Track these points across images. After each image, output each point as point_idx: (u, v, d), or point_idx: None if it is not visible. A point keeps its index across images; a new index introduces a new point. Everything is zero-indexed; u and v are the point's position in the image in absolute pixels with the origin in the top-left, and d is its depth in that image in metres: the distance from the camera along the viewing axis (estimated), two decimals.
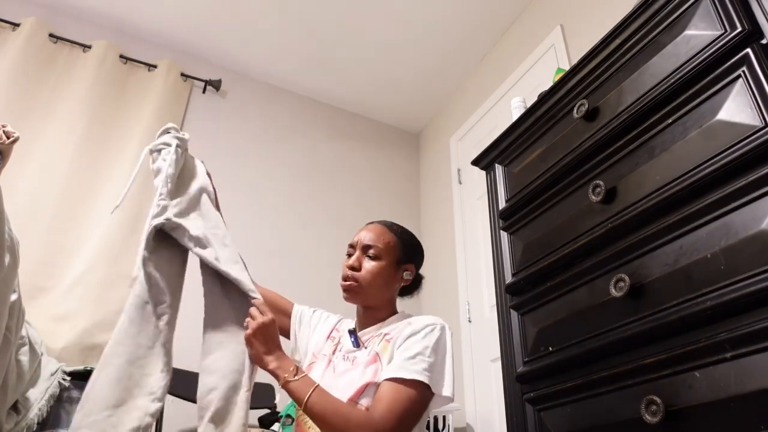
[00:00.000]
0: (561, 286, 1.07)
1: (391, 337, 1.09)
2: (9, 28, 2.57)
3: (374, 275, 1.15)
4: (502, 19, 2.82)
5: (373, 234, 1.19)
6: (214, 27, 2.92)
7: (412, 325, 1.08)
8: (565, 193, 1.13)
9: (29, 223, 2.18)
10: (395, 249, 1.19)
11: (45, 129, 2.44)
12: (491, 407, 2.24)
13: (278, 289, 1.32)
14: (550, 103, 1.27)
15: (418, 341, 1.03)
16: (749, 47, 0.83)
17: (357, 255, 1.17)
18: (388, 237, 1.20)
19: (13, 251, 1.16)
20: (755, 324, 0.70)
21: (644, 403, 0.79)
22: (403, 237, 1.23)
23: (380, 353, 1.07)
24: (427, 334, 1.05)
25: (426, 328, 1.06)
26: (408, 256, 1.22)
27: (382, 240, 1.18)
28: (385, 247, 1.18)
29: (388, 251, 1.18)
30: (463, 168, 2.95)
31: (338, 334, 1.22)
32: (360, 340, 1.15)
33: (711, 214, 0.81)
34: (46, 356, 1.76)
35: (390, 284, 1.18)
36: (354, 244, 1.20)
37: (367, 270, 1.15)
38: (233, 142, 2.98)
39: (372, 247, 1.17)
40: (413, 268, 1.24)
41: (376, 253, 1.16)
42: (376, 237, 1.18)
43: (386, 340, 1.10)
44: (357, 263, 1.16)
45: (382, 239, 1.18)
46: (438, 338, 1.05)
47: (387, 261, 1.17)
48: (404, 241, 1.23)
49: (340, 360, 1.12)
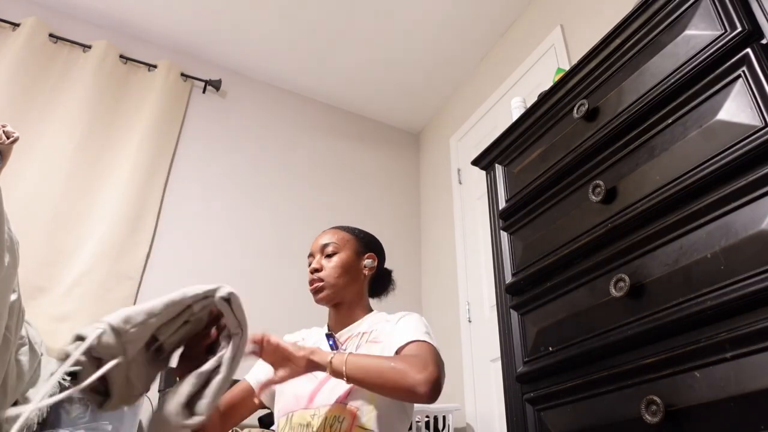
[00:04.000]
0: (561, 286, 1.07)
1: (376, 337, 1.11)
2: (9, 28, 2.57)
3: (337, 269, 1.19)
4: (502, 19, 2.82)
5: (327, 235, 1.26)
6: (214, 27, 2.92)
7: (391, 321, 1.14)
8: (565, 193, 1.13)
9: (29, 223, 2.17)
10: (351, 242, 1.25)
11: (45, 129, 2.44)
12: (491, 407, 2.24)
13: (277, 290, 1.32)
14: (550, 103, 1.27)
15: (406, 323, 1.09)
16: (749, 47, 0.83)
17: (317, 258, 1.22)
18: (342, 234, 1.26)
19: (13, 251, 1.16)
20: (755, 324, 0.70)
21: (644, 403, 0.79)
22: (356, 232, 1.29)
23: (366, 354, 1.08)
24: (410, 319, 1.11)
25: (405, 315, 1.13)
26: (366, 245, 1.28)
27: (336, 237, 1.25)
28: (341, 242, 1.24)
29: (345, 244, 1.24)
30: (463, 168, 2.95)
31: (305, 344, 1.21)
32: (338, 342, 1.16)
33: (711, 214, 0.81)
34: (46, 356, 1.76)
35: (355, 276, 1.22)
36: (312, 253, 1.25)
37: (329, 267, 1.20)
38: (233, 142, 2.98)
39: (328, 244, 1.23)
40: (374, 257, 1.27)
41: (334, 249, 1.22)
42: (330, 236, 1.25)
43: (370, 341, 1.11)
44: (318, 265, 1.21)
45: (337, 236, 1.25)
46: (418, 318, 1.12)
47: (345, 253, 1.22)
48: (358, 235, 1.29)
49: None
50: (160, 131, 2.70)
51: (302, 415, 1.03)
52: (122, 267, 2.31)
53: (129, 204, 2.43)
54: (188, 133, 2.87)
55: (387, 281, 1.34)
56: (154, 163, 2.61)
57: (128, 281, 2.31)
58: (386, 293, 1.34)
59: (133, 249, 2.38)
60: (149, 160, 2.59)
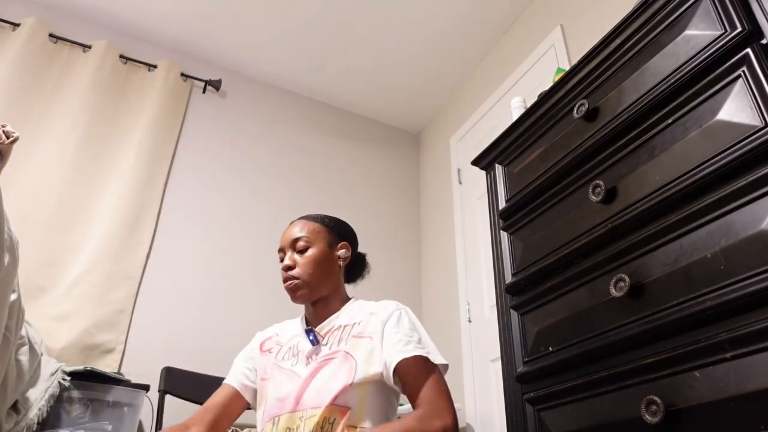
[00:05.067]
0: (561, 286, 1.07)
1: (361, 332, 1.08)
2: (9, 28, 2.57)
3: (311, 265, 1.14)
4: (502, 19, 2.82)
5: (296, 228, 1.19)
6: (214, 27, 2.92)
7: (377, 314, 1.09)
8: (565, 193, 1.13)
9: (29, 223, 2.18)
10: (322, 233, 1.19)
11: (45, 129, 2.44)
12: (491, 407, 2.24)
13: (279, 288, 1.29)
14: (550, 103, 1.27)
15: (394, 328, 1.06)
16: (749, 47, 0.83)
17: (288, 255, 1.16)
18: (311, 225, 1.20)
19: (13, 251, 1.16)
20: (755, 324, 0.70)
21: (644, 403, 0.79)
22: (325, 221, 1.23)
23: (351, 352, 1.05)
24: (398, 320, 1.08)
25: (391, 315, 1.09)
26: (338, 235, 1.23)
27: (307, 229, 1.18)
28: (312, 235, 1.17)
29: (316, 236, 1.18)
30: (463, 168, 2.95)
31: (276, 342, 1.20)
32: (318, 336, 1.12)
33: (711, 214, 0.81)
34: (46, 356, 1.76)
35: (330, 269, 1.17)
36: (283, 248, 1.19)
37: (303, 264, 1.14)
38: (233, 142, 2.98)
39: (299, 239, 1.16)
40: (348, 246, 1.23)
41: (305, 243, 1.16)
42: (299, 229, 1.18)
43: (353, 335, 1.08)
44: (291, 262, 1.14)
45: (307, 228, 1.18)
46: (408, 319, 1.09)
47: (318, 247, 1.16)
48: (328, 224, 1.23)
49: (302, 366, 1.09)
50: (160, 131, 2.70)
51: (290, 419, 1.00)
52: (122, 267, 2.31)
53: (129, 204, 2.43)
54: (188, 133, 2.87)
55: (362, 266, 1.29)
56: (154, 163, 2.61)
57: (128, 281, 2.31)
58: (362, 277, 1.29)
59: (133, 249, 2.38)
60: (149, 160, 2.59)
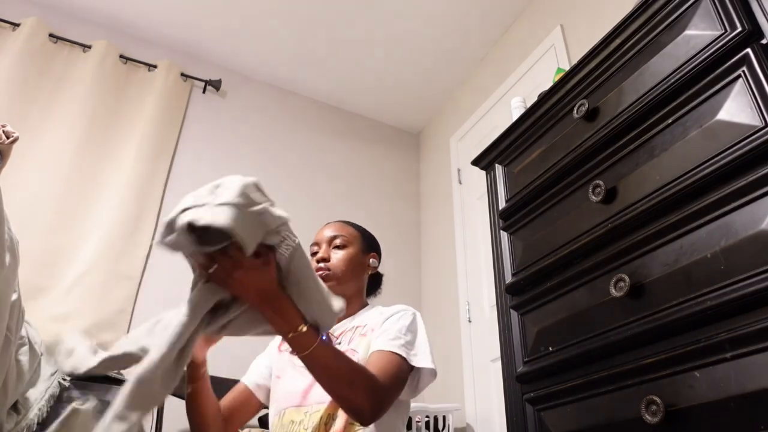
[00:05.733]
0: (561, 286, 1.07)
1: (366, 330, 1.10)
2: (9, 28, 2.57)
3: (346, 262, 1.18)
4: (502, 19, 2.82)
5: (335, 227, 1.25)
6: (214, 27, 2.92)
7: (384, 313, 1.12)
8: (565, 193, 1.13)
9: (29, 223, 2.18)
10: (359, 238, 1.25)
11: (45, 129, 2.44)
12: (491, 407, 2.24)
13: None
14: (550, 103, 1.27)
15: (393, 323, 1.08)
16: (749, 47, 0.83)
17: (324, 248, 1.21)
18: (349, 228, 1.26)
19: (13, 251, 1.16)
20: (755, 324, 0.70)
21: (644, 403, 0.79)
22: (361, 229, 1.30)
23: (356, 348, 1.07)
24: (400, 317, 1.10)
25: (398, 312, 1.11)
26: (370, 245, 1.28)
27: (345, 231, 1.24)
28: (350, 236, 1.23)
29: (353, 239, 1.24)
30: (463, 168, 2.95)
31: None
32: (331, 336, 1.14)
33: (711, 214, 0.81)
34: (46, 356, 1.76)
35: (360, 272, 1.22)
36: (318, 242, 1.23)
37: (339, 258, 1.18)
38: (233, 142, 2.98)
39: (338, 236, 1.22)
40: (377, 257, 1.28)
41: (343, 242, 1.21)
42: (338, 229, 1.24)
43: (361, 334, 1.10)
44: (326, 255, 1.19)
45: (345, 230, 1.25)
46: (411, 320, 1.10)
47: (354, 248, 1.22)
48: (363, 233, 1.29)
49: None
50: (160, 131, 2.70)
51: (296, 412, 1.02)
52: (122, 267, 2.31)
53: (129, 204, 2.43)
54: (188, 133, 2.87)
55: (378, 283, 1.34)
56: (154, 163, 2.61)
57: (128, 281, 2.31)
58: (374, 295, 1.34)
59: (133, 249, 2.38)
60: (149, 160, 2.59)
